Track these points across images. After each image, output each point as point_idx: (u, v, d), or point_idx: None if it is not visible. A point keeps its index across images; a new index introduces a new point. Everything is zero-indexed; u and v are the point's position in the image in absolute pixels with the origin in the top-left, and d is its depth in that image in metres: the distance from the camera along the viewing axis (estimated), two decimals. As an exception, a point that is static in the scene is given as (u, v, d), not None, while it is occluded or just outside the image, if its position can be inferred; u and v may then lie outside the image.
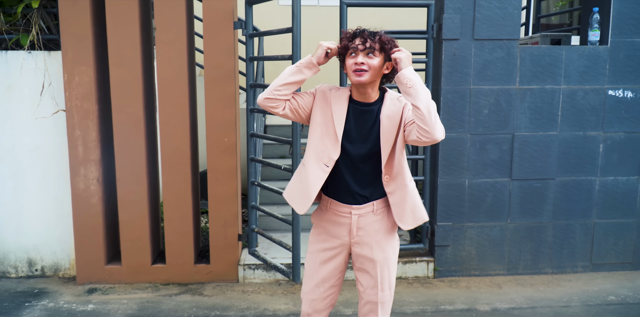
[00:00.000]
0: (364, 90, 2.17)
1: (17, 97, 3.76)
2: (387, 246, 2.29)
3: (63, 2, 3.52)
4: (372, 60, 2.09)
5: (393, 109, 2.17)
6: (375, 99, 2.21)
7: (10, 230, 3.92)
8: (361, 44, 2.08)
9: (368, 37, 2.10)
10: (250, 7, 3.67)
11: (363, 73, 2.09)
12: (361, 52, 2.09)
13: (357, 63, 2.09)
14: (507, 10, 3.74)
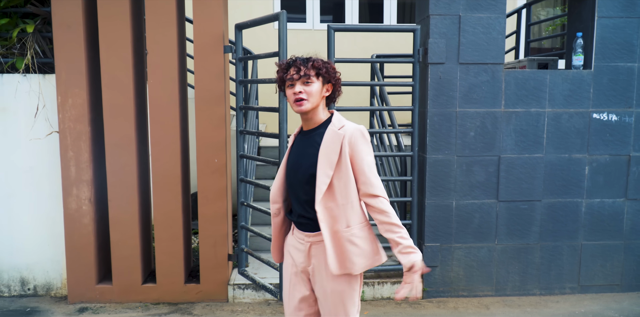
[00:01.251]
0: (307, 117, 2.18)
1: (12, 119, 3.85)
2: (341, 279, 2.16)
3: (57, 27, 3.63)
4: (309, 87, 2.11)
5: (333, 142, 2.12)
6: (322, 121, 2.20)
7: (4, 249, 3.97)
8: (296, 74, 2.10)
9: (302, 65, 2.12)
10: (240, 32, 3.77)
11: (303, 102, 2.11)
12: (297, 81, 2.11)
13: (296, 92, 2.11)
14: (491, 35, 3.83)
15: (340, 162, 2.11)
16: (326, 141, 2.13)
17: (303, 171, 2.16)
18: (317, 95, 2.13)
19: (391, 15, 7.42)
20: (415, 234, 4.00)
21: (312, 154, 2.15)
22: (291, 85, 2.13)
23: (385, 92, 4.94)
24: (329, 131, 2.15)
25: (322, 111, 2.20)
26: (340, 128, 2.14)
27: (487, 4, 3.79)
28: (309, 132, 2.21)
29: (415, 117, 3.90)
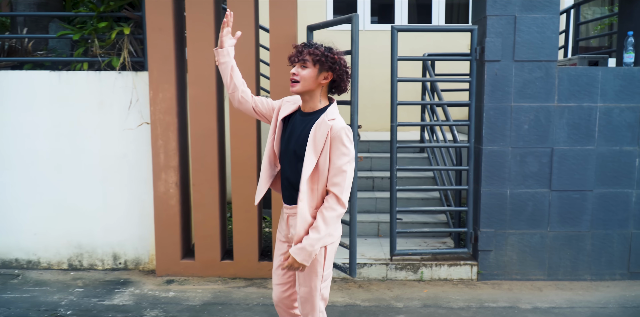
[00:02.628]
0: (304, 99, 2.38)
1: (108, 111, 4.32)
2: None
3: (150, 30, 4.07)
4: (304, 71, 2.30)
5: (321, 130, 2.30)
6: (319, 108, 2.38)
7: (99, 227, 4.45)
8: (295, 57, 2.33)
9: (303, 50, 2.33)
10: (311, 33, 4.15)
11: (295, 84, 2.31)
12: (296, 64, 2.33)
13: (291, 74, 2.33)
14: (545, 34, 4.09)
15: (324, 151, 2.31)
16: (314, 130, 2.31)
17: (291, 149, 2.39)
18: (309, 80, 2.29)
19: (439, 15, 7.69)
20: (471, 220, 4.29)
21: (303, 136, 2.35)
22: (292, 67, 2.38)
23: (438, 89, 5.24)
24: (320, 120, 2.32)
25: (320, 99, 2.38)
26: (330, 120, 2.31)
27: (541, 5, 4.05)
28: (307, 115, 2.40)
29: (472, 111, 4.20)
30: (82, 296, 3.93)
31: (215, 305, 3.75)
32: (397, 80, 4.13)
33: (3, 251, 4.50)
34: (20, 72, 4.29)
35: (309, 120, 2.38)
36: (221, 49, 2.51)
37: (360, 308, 3.71)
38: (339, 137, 2.28)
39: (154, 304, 3.75)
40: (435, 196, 5.35)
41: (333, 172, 2.30)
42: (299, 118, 2.43)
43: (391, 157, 4.20)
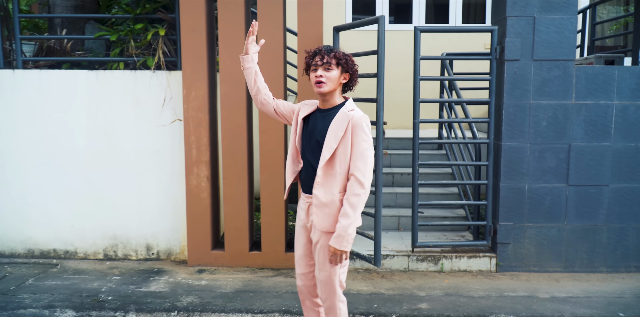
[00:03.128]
0: (325, 98, 2.65)
1: (143, 109, 4.54)
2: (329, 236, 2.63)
3: (184, 31, 4.28)
4: (329, 73, 2.57)
5: (342, 121, 2.56)
6: (337, 104, 2.66)
7: (133, 219, 4.67)
8: (320, 60, 2.57)
9: (325, 54, 2.58)
10: (337, 33, 4.33)
11: (322, 84, 2.57)
12: (320, 67, 2.57)
13: (317, 76, 2.57)
14: (563, 34, 4.24)
15: (344, 138, 2.54)
16: (336, 119, 2.58)
17: (314, 140, 2.63)
18: (334, 80, 2.58)
19: (457, 15, 7.83)
20: (490, 214, 4.45)
21: (326, 127, 2.61)
22: (314, 70, 2.60)
23: (457, 87, 5.39)
24: (340, 112, 2.61)
25: (338, 96, 2.67)
26: (350, 110, 2.60)
27: (559, 6, 4.20)
28: (326, 111, 2.66)
29: (491, 108, 4.35)
30: (120, 283, 4.14)
31: (247, 292, 3.94)
32: (419, 79, 4.30)
33: (42, 242, 4.73)
34: (60, 71, 4.51)
35: (330, 114, 2.64)
36: (246, 55, 2.81)
37: (385, 296, 3.89)
38: (359, 124, 2.54)
39: (188, 291, 3.96)
40: (454, 191, 5.51)
41: (355, 156, 2.54)
42: (319, 115, 2.69)
43: (413, 153, 4.37)
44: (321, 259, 2.68)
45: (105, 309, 3.66)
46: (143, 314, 3.62)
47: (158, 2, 4.44)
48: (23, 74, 4.52)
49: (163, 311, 3.64)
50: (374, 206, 3.97)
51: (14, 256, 4.76)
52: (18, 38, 4.52)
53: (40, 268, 4.49)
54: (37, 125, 4.57)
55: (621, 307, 3.72)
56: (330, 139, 2.55)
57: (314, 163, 2.66)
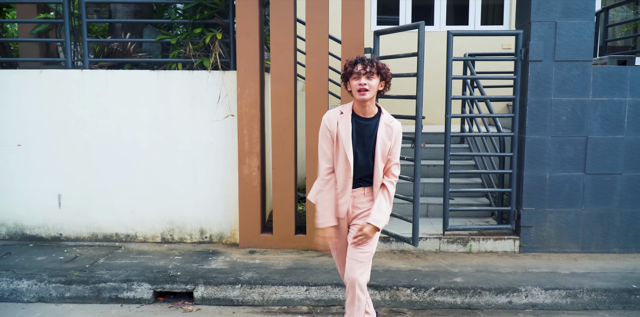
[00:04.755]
0: (365, 105, 2.92)
1: (200, 105, 5.01)
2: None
3: (240, 35, 4.74)
4: (371, 81, 2.84)
5: (387, 133, 2.96)
6: (374, 113, 2.98)
7: (188, 205, 5.15)
8: (363, 69, 2.82)
9: (368, 64, 2.83)
10: (378, 37, 4.79)
11: (365, 92, 2.83)
12: (363, 76, 2.83)
13: (361, 84, 2.82)
14: (582, 37, 4.69)
15: (389, 146, 2.98)
16: (381, 132, 2.96)
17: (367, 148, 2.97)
18: (375, 88, 2.86)
19: (475, 16, 8.28)
20: (514, 200, 4.91)
21: (371, 138, 2.96)
22: (357, 78, 2.85)
23: (481, 85, 5.85)
24: (382, 124, 2.97)
25: (374, 104, 2.97)
26: (391, 122, 2.98)
27: (579, 12, 4.65)
28: (367, 120, 2.97)
29: (516, 104, 4.81)
30: (183, 261, 4.63)
31: (298, 269, 4.42)
32: (451, 78, 4.75)
33: (105, 226, 5.21)
34: (125, 71, 4.98)
35: (372, 123, 2.98)
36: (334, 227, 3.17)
37: (422, 272, 4.37)
38: (400, 133, 3.03)
39: (246, 268, 4.44)
40: (478, 182, 5.98)
41: (394, 158, 3.03)
42: (362, 123, 2.99)
43: (445, 145, 4.83)
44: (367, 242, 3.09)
45: (177, 282, 4.14)
46: (211, 286, 4.11)
47: (214, 8, 4.90)
48: (90, 74, 5.00)
49: (228, 284, 4.12)
50: (412, 193, 4.44)
51: (79, 240, 5.24)
52: (86, 41, 4.99)
53: (106, 250, 4.98)
54: (102, 120, 5.05)
55: (634, 280, 4.19)
56: (379, 149, 2.97)
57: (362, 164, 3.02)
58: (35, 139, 5.08)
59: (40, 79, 5.01)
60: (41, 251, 4.91)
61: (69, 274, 4.23)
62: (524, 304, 4.03)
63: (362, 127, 2.96)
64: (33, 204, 5.17)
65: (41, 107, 5.04)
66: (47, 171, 5.12)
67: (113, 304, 4.09)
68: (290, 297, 4.08)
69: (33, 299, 4.10)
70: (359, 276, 3.06)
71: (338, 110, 3.03)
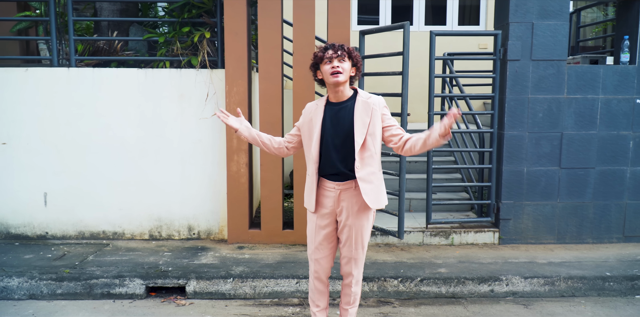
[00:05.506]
0: (337, 90, 2.86)
1: (188, 103, 5.07)
2: (363, 216, 3.00)
3: (228, 34, 4.82)
4: (344, 64, 2.82)
5: (365, 109, 2.86)
6: (349, 96, 2.91)
7: (176, 202, 5.20)
8: (334, 53, 2.81)
9: (339, 48, 2.83)
10: (363, 36, 4.92)
11: (338, 74, 2.79)
12: (335, 59, 2.80)
13: (334, 67, 2.79)
14: (557, 38, 4.90)
15: (370, 123, 2.86)
16: (358, 108, 2.86)
17: (344, 132, 2.87)
18: (348, 71, 2.82)
19: (453, 17, 8.49)
20: (494, 194, 5.11)
21: (349, 118, 2.87)
22: (328, 62, 2.81)
23: (460, 83, 6.05)
24: (359, 101, 2.88)
25: (348, 88, 2.92)
26: (368, 99, 2.89)
27: (554, 14, 4.86)
28: (340, 104, 2.91)
29: (495, 102, 5.01)
30: (173, 257, 4.69)
31: (287, 263, 4.53)
32: (434, 76, 4.92)
33: (92, 224, 5.23)
34: (112, 69, 5.01)
35: (347, 105, 2.90)
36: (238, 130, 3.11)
37: (408, 264, 4.52)
38: (381, 104, 2.91)
39: (237, 263, 4.53)
40: (458, 177, 6.18)
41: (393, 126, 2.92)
42: (335, 108, 2.92)
43: (428, 141, 4.99)
44: (360, 237, 3.05)
45: (169, 277, 4.21)
46: (203, 280, 4.19)
47: (202, 7, 4.96)
48: (77, 72, 5.01)
49: (220, 278, 4.20)
50: (398, 188, 4.59)
51: (66, 238, 5.25)
52: (72, 39, 5.00)
53: (94, 247, 5.00)
54: (90, 117, 5.07)
55: (607, 268, 4.42)
56: (359, 126, 2.85)
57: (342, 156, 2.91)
58: (21, 137, 5.07)
59: (26, 77, 5.00)
60: (28, 249, 4.90)
61: (59, 271, 4.26)
62: (505, 292, 4.22)
63: (336, 111, 2.91)
64: (18, 202, 5.16)
65: (27, 105, 5.03)
66: (33, 169, 5.11)
67: (105, 299, 4.13)
68: (281, 290, 4.18)
69: (24, 297, 4.12)
70: (356, 273, 3.15)
71: (315, 103, 3.04)
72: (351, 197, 2.98)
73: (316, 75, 2.95)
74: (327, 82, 2.88)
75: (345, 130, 2.89)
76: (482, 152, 5.35)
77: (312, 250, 3.17)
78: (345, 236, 3.07)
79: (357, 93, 2.96)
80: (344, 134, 2.90)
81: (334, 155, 2.93)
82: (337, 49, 2.83)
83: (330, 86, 2.89)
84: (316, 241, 3.13)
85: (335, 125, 2.91)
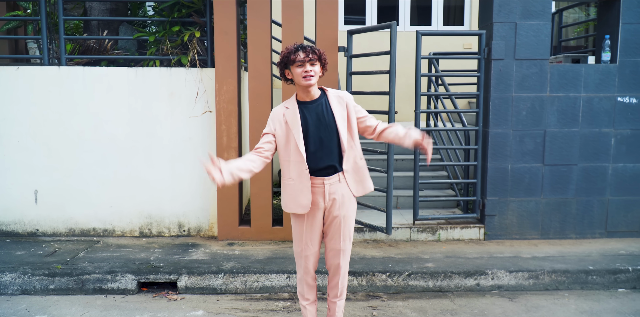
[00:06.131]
0: (308, 90, 2.95)
1: (177, 102, 5.12)
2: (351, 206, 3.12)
3: (218, 33, 4.88)
4: (315, 67, 2.91)
5: (340, 103, 3.01)
6: (319, 94, 3.02)
7: (166, 200, 5.25)
8: (306, 56, 2.87)
9: (310, 52, 2.87)
10: (351, 36, 5.01)
11: (311, 78, 2.87)
12: (307, 63, 2.86)
13: (307, 71, 2.87)
14: (539, 37, 5.03)
15: (347, 116, 3.03)
16: (334, 103, 3.00)
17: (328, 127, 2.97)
18: (318, 73, 2.92)
19: (438, 17, 8.62)
20: (479, 190, 5.22)
21: (329, 114, 2.98)
22: (300, 65, 2.88)
23: (446, 83, 6.16)
24: (332, 97, 3.01)
25: (316, 86, 3.01)
26: (338, 94, 3.05)
27: (536, 14, 4.99)
28: (314, 102, 3.00)
29: (480, 100, 5.12)
30: (164, 254, 4.74)
31: (277, 259, 4.60)
32: (420, 75, 5.02)
33: (83, 221, 5.26)
34: (102, 68, 5.05)
35: (320, 103, 3.01)
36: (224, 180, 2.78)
37: (396, 259, 4.61)
38: (351, 98, 3.10)
39: (227, 259, 4.59)
40: (444, 175, 6.28)
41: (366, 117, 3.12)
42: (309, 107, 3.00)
43: (415, 139, 5.08)
44: (347, 229, 3.15)
45: (160, 273, 4.26)
46: (194, 276, 4.24)
47: (191, 7, 5.02)
48: (68, 71, 5.04)
49: (211, 273, 4.26)
50: (386, 185, 4.68)
51: (56, 235, 5.28)
52: (62, 38, 5.04)
53: (85, 244, 5.03)
54: (80, 116, 5.10)
55: (590, 262, 4.54)
56: (340, 120, 2.99)
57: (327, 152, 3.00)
58: (11, 135, 5.09)
59: (16, 76, 5.02)
60: (19, 246, 4.93)
61: (51, 267, 4.29)
62: (491, 286, 4.32)
63: (311, 110, 3.00)
64: (9, 200, 5.18)
65: (18, 103, 5.06)
66: (23, 166, 5.13)
67: (97, 295, 4.18)
68: (271, 284, 4.25)
69: (17, 292, 4.15)
70: (344, 265, 3.23)
71: (282, 107, 3.06)
72: (339, 189, 3.07)
73: (284, 74, 2.99)
74: (298, 84, 2.96)
75: (329, 125, 3.00)
76: (467, 149, 5.46)
77: (301, 248, 3.21)
78: (333, 228, 3.14)
79: (325, 90, 3.09)
80: (328, 130, 3.00)
81: (319, 153, 3.01)
82: (308, 52, 2.88)
83: (301, 87, 2.97)
84: (307, 239, 3.17)
85: (316, 122, 2.99)
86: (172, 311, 3.87)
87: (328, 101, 3.03)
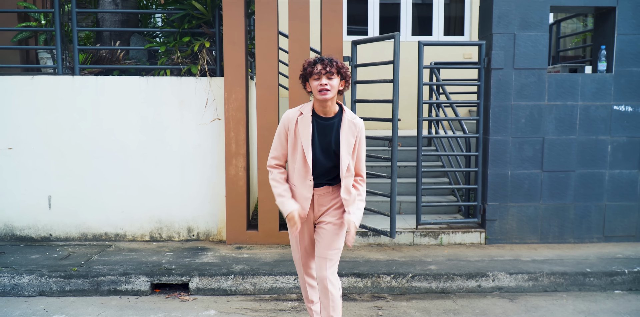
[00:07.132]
0: (326, 105, 2.84)
1: (187, 109, 5.29)
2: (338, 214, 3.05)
3: (227, 43, 5.06)
4: (332, 81, 2.78)
5: (351, 130, 2.89)
6: (335, 112, 2.90)
7: (176, 205, 5.40)
8: (323, 69, 2.76)
9: (328, 64, 2.77)
10: (355, 46, 5.19)
11: (327, 92, 2.76)
12: (323, 76, 2.76)
13: (322, 84, 2.75)
14: (537, 48, 5.21)
15: (354, 145, 2.94)
16: (345, 129, 2.89)
17: (331, 148, 2.92)
18: (336, 87, 2.79)
19: (439, 27, 8.82)
20: (480, 196, 5.38)
21: (335, 136, 2.91)
22: (317, 79, 2.78)
23: (447, 91, 6.34)
24: (346, 121, 2.89)
25: (335, 102, 2.89)
26: (354, 119, 2.91)
27: (534, 25, 5.17)
28: (329, 119, 2.91)
29: (480, 108, 5.29)
30: (175, 257, 4.88)
31: (285, 261, 4.74)
32: (422, 84, 5.20)
33: (95, 226, 5.41)
34: (115, 77, 5.23)
35: (334, 122, 2.94)
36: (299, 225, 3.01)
37: (399, 262, 4.76)
38: (363, 131, 3.00)
39: (237, 262, 4.73)
40: (445, 181, 6.44)
41: (360, 160, 3.02)
42: (322, 123, 2.93)
43: (417, 145, 5.26)
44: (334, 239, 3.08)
45: (173, 275, 4.41)
46: (205, 277, 4.39)
47: (201, 18, 5.21)
48: (81, 80, 5.22)
49: (222, 275, 4.41)
50: (390, 191, 4.84)
51: (69, 240, 5.42)
52: (76, 48, 5.22)
53: (98, 248, 5.18)
54: (93, 123, 5.27)
55: (588, 265, 4.69)
56: (344, 146, 2.92)
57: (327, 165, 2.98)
58: (26, 142, 5.26)
59: (32, 85, 5.20)
60: (34, 250, 5.07)
61: (67, 269, 4.44)
62: (492, 288, 4.47)
63: (324, 127, 2.92)
64: (23, 205, 5.33)
65: (33, 111, 5.23)
66: (37, 173, 5.29)
67: (112, 296, 4.32)
68: (280, 286, 4.40)
69: (34, 293, 4.29)
70: (330, 275, 3.06)
71: (297, 111, 2.97)
72: (326, 196, 3.05)
73: (305, 87, 2.96)
74: (315, 98, 2.90)
75: (330, 147, 2.94)
76: (468, 156, 5.62)
77: (299, 255, 3.23)
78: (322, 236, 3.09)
79: (343, 110, 2.98)
80: (328, 151, 2.95)
81: (318, 168, 2.98)
82: (325, 65, 2.79)
83: (318, 101, 2.90)
84: (303, 247, 3.20)
85: (321, 141, 2.94)
86: (185, 311, 4.01)
87: (340, 125, 2.93)
